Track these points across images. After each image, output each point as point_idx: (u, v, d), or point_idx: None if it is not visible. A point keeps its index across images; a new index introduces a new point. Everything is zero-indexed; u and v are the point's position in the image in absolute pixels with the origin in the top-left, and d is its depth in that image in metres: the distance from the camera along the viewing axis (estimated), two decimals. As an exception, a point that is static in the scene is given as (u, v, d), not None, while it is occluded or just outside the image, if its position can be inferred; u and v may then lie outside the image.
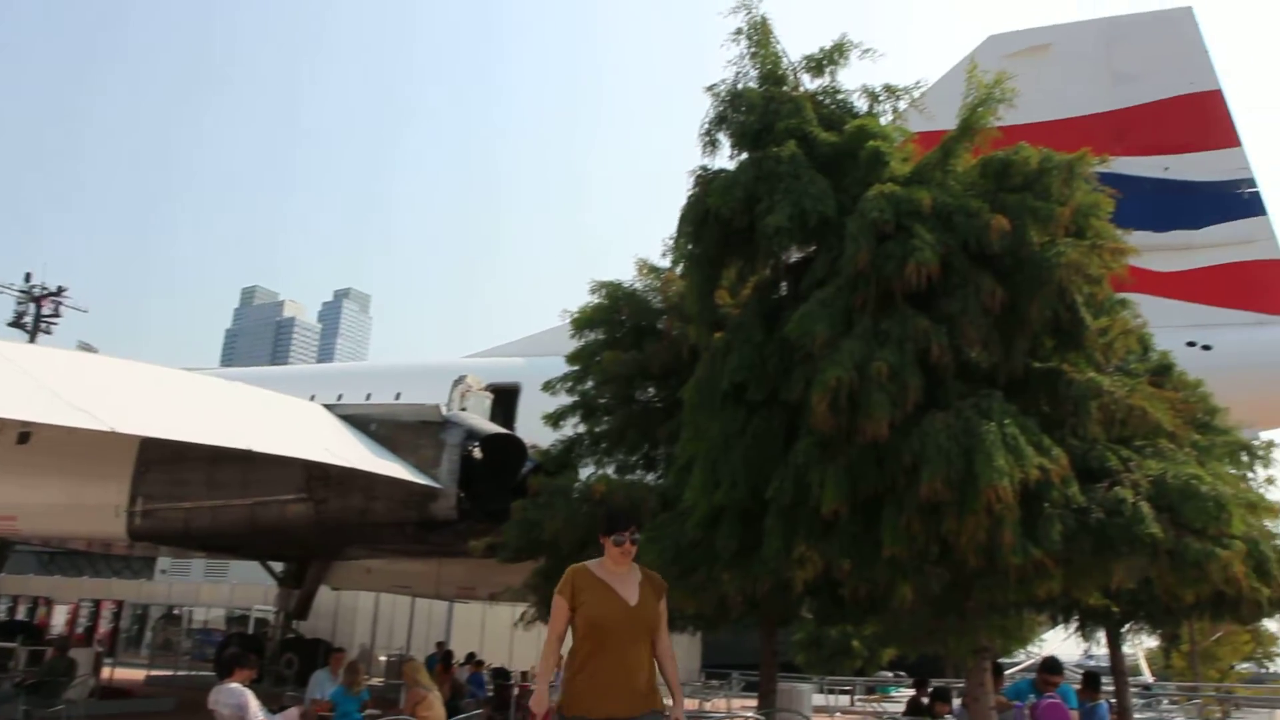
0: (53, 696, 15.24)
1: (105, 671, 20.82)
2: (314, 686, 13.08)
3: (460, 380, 18.86)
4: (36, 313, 39.95)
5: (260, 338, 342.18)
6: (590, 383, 14.38)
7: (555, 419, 14.77)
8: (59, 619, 34.81)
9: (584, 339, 14.66)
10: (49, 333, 40.09)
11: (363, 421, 16.29)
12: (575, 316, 14.71)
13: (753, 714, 15.36)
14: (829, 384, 7.76)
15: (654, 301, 14.43)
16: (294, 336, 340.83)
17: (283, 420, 15.90)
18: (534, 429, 16.18)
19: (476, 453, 16.09)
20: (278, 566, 25.16)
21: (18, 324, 39.60)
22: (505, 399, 21.82)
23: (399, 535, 17.55)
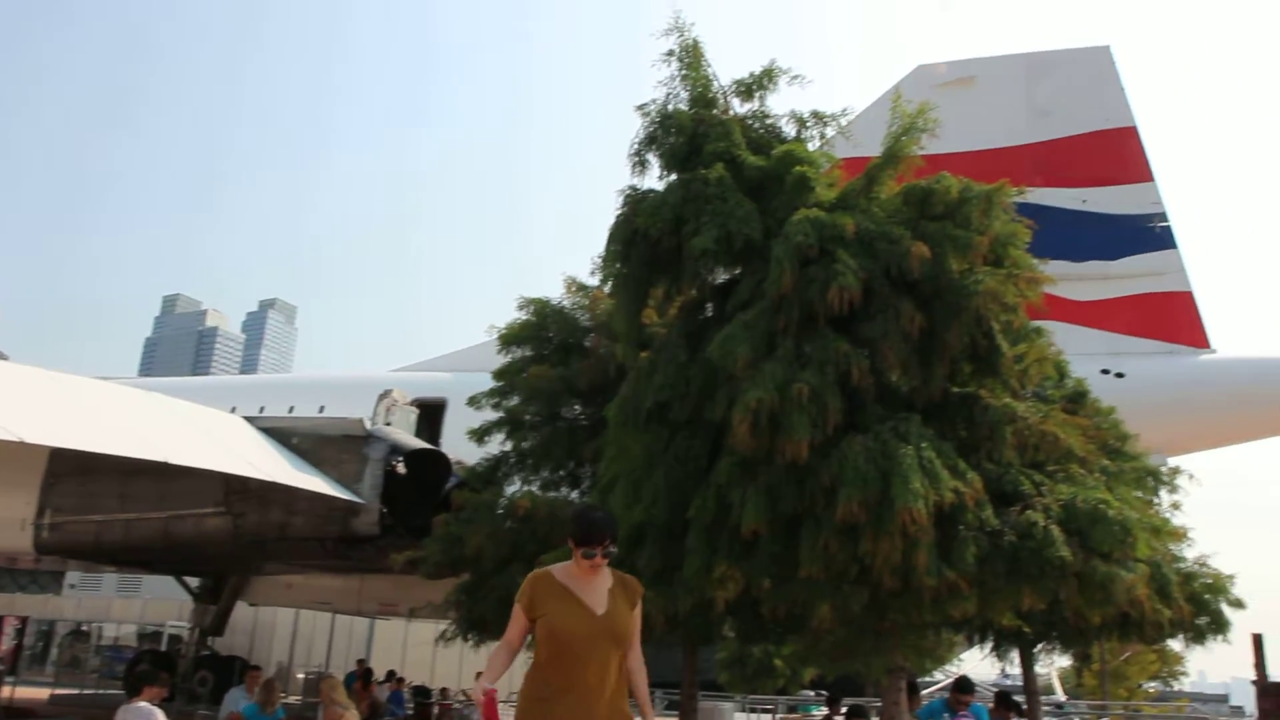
0: (-53, 717, 14.64)
1: (6, 690, 20.05)
2: (228, 705, 12.82)
3: (386, 394, 18.62)
4: (-56, 316, 38.43)
5: (181, 347, 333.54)
6: (516, 399, 14.30)
7: (480, 435, 14.63)
8: (-42, 636, 33.41)
9: (511, 355, 14.58)
10: (-43, 338, 38.64)
11: (284, 434, 15.99)
12: (503, 332, 14.64)
13: (674, 733, 15.34)
14: (750, 405, 7.85)
15: (582, 319, 14.44)
16: (216, 346, 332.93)
17: (201, 432, 15.51)
18: (460, 445, 16.01)
19: (400, 468, 15.90)
20: (194, 581, 24.49)
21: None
22: (431, 414, 21.59)
23: (320, 550, 17.24)
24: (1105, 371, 20.33)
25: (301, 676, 30.19)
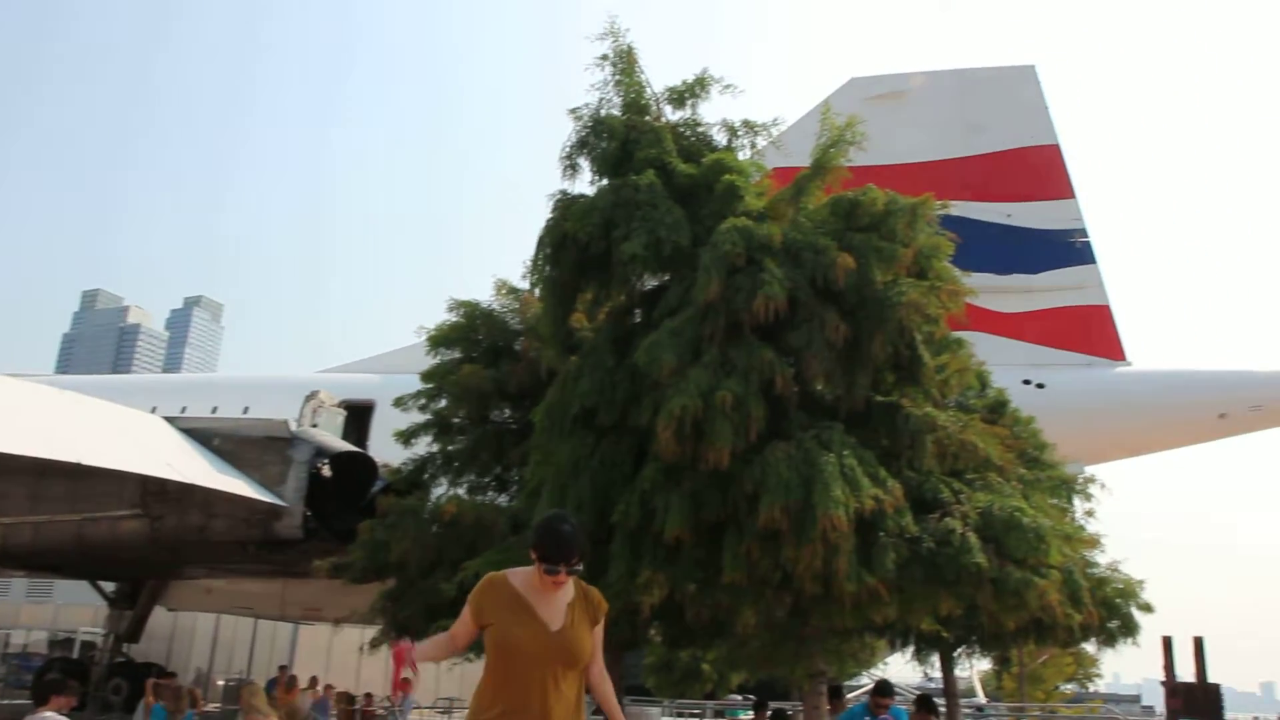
0: None
1: (-95, 699, 19.27)
2: (141, 713, 12.48)
3: (313, 396, 18.36)
4: None
5: (101, 344, 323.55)
6: (444, 401, 14.17)
7: (407, 437, 14.47)
8: None
9: (440, 357, 14.44)
10: None
11: (206, 435, 15.66)
12: (432, 334, 14.48)
13: (600, 738, 15.32)
14: (674, 412, 7.89)
15: (512, 322, 14.34)
16: (139, 344, 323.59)
17: (118, 432, 15.10)
18: (388, 447, 15.83)
19: (326, 470, 15.67)
20: (109, 586, 23.80)
21: None
22: (359, 416, 21.33)
23: (241, 554, 16.94)
24: (1027, 382, 20.83)
25: (222, 683, 29.55)
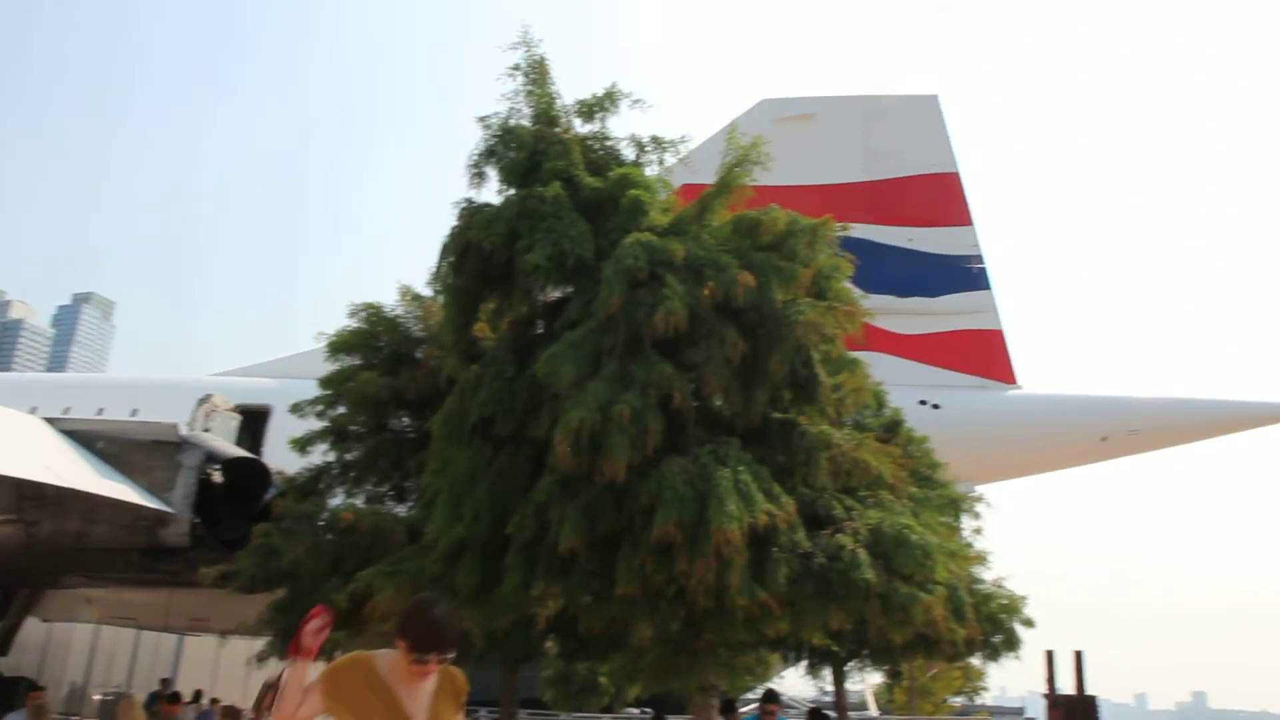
0: None
1: None
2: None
3: (206, 399, 17.79)
4: None
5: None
6: (342, 408, 13.89)
7: (303, 444, 14.12)
8: None
9: (340, 363, 14.14)
10: None
11: (90, 438, 15.04)
12: (332, 339, 14.19)
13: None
14: (571, 424, 7.89)
15: (415, 329, 14.13)
16: (20, 341, 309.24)
17: (-10, 432, 14.42)
18: (284, 454, 15.43)
19: (216, 476, 15.20)
20: (-22, 594, 22.66)
21: None
22: (254, 421, 20.77)
23: (124, 562, 16.28)
24: (923, 402, 21.40)
25: (98, 697, 28.34)
